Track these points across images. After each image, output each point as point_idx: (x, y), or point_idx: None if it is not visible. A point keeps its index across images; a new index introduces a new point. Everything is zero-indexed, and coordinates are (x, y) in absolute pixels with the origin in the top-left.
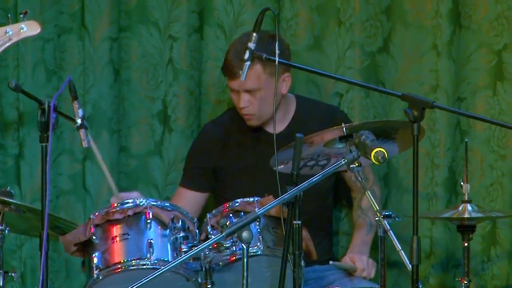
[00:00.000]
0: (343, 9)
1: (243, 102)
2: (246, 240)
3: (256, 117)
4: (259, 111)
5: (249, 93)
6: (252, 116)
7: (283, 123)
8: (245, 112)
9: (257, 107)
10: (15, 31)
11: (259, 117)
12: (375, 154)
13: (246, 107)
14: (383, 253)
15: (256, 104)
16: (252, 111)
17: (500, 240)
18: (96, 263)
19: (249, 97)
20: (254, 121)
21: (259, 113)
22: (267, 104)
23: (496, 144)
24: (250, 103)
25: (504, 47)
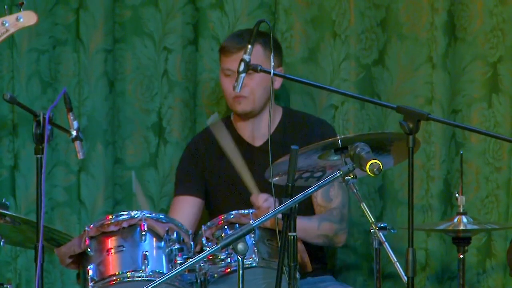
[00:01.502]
0: (339, 21)
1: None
2: (241, 252)
3: (248, 101)
4: (253, 95)
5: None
6: (245, 99)
7: (266, 134)
8: (239, 94)
9: (250, 88)
10: (12, 22)
11: (252, 102)
12: (370, 166)
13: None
14: (378, 265)
15: (250, 85)
16: (246, 93)
17: (496, 253)
18: (91, 275)
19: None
20: (245, 105)
21: (252, 98)
22: (261, 91)
23: (492, 157)
24: (246, 84)
25: (499, 59)
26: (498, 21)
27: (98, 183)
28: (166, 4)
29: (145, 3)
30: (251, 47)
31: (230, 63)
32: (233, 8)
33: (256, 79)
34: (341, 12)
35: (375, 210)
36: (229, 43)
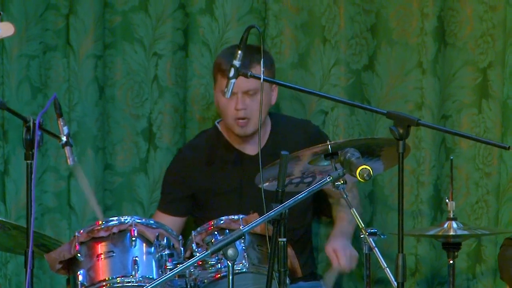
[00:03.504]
0: (328, 27)
1: (241, 104)
2: (231, 257)
3: (251, 123)
4: (255, 116)
5: (248, 96)
6: (248, 122)
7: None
8: (241, 115)
9: (254, 111)
10: None
11: (254, 124)
12: (360, 171)
13: (243, 110)
14: (368, 270)
15: (254, 107)
16: (249, 115)
17: (485, 258)
18: (81, 280)
19: (248, 99)
20: (248, 127)
21: (254, 119)
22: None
23: (481, 162)
24: (247, 106)
25: (489, 65)
26: (488, 26)
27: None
28: (156, 10)
29: (135, 9)
30: (241, 53)
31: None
32: (223, 14)
33: (255, 100)
34: (331, 17)
35: (365, 215)
36: (222, 61)
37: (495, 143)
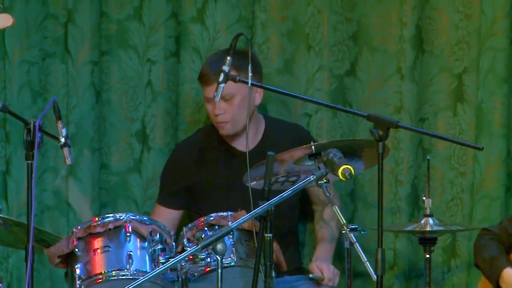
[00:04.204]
0: (312, 34)
1: (218, 109)
2: (220, 252)
3: (230, 124)
4: (233, 118)
5: (225, 100)
6: (226, 124)
7: (254, 141)
8: (220, 120)
9: (231, 114)
10: None
11: (233, 125)
12: (342, 171)
13: (221, 114)
14: (349, 264)
15: (230, 111)
16: (227, 118)
17: (460, 252)
18: (79, 274)
19: (224, 104)
20: (228, 129)
21: (233, 121)
22: (241, 111)
23: (456, 162)
24: (225, 110)
25: (464, 71)
26: (463, 34)
27: (85, 187)
28: (150, 18)
29: (129, 18)
30: (230, 59)
31: (210, 92)
32: (213, 22)
33: (235, 103)
34: (314, 25)
35: (347, 212)
36: (207, 73)
37: (469, 144)
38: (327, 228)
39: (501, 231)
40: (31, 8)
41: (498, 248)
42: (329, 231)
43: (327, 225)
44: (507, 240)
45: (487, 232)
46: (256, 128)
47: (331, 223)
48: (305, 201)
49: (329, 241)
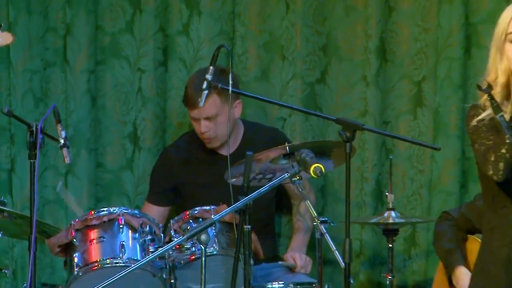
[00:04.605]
0: (287, 46)
1: (204, 127)
2: (204, 242)
3: (215, 139)
4: (217, 134)
5: (208, 120)
6: (212, 139)
7: (235, 145)
8: (206, 136)
9: (215, 131)
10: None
11: (218, 139)
12: (313, 169)
13: (207, 132)
14: (320, 253)
15: (214, 128)
16: (212, 134)
17: (419, 242)
18: (77, 261)
19: (208, 123)
20: (214, 143)
21: (217, 136)
22: (224, 127)
23: (416, 161)
24: (210, 128)
25: (423, 79)
26: (422, 46)
27: (82, 183)
28: (140, 32)
29: (122, 31)
30: (212, 68)
31: (195, 114)
32: (197, 35)
33: (218, 121)
34: (289, 38)
35: (318, 206)
36: (192, 97)
37: (427, 145)
38: (302, 220)
39: (460, 216)
40: (34, 22)
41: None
42: (304, 224)
43: (303, 218)
44: (464, 225)
45: (447, 216)
46: (236, 133)
47: (306, 216)
48: (281, 196)
49: (303, 232)
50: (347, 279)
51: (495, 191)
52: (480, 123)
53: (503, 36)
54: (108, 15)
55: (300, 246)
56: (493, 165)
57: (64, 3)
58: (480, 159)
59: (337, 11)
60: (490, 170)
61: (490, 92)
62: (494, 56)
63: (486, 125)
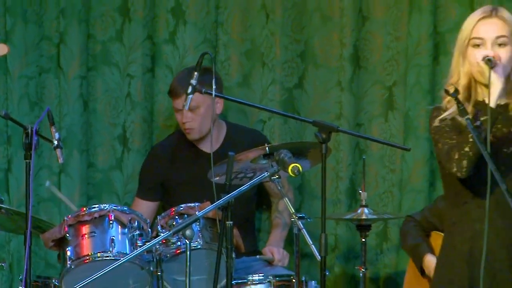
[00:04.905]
0: (266, 53)
1: (185, 118)
2: (189, 237)
3: (196, 131)
4: (198, 125)
5: (191, 111)
6: (192, 130)
7: (217, 143)
8: (187, 127)
9: (196, 122)
10: None
11: (199, 131)
12: (291, 168)
13: (188, 122)
14: (297, 247)
15: (196, 119)
16: (193, 125)
17: (390, 237)
18: (69, 255)
19: (191, 114)
20: (194, 134)
21: (198, 127)
22: (205, 120)
23: (388, 161)
24: (192, 119)
25: (394, 84)
26: (393, 53)
27: (75, 182)
28: (129, 40)
29: (112, 39)
30: (197, 74)
31: (178, 104)
32: (183, 43)
33: (199, 113)
34: (268, 46)
35: (295, 203)
36: (176, 87)
37: (398, 146)
38: (280, 217)
39: (422, 218)
40: (29, 31)
41: (419, 235)
42: (282, 220)
43: (281, 215)
44: (426, 226)
45: (411, 219)
46: (218, 132)
47: (284, 213)
48: (261, 194)
49: (281, 228)
50: (323, 272)
51: (457, 188)
52: (442, 123)
53: (466, 41)
54: (99, 24)
55: (278, 241)
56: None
57: (57, 13)
58: (444, 158)
59: (314, 21)
60: (454, 167)
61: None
62: (457, 59)
63: (448, 125)
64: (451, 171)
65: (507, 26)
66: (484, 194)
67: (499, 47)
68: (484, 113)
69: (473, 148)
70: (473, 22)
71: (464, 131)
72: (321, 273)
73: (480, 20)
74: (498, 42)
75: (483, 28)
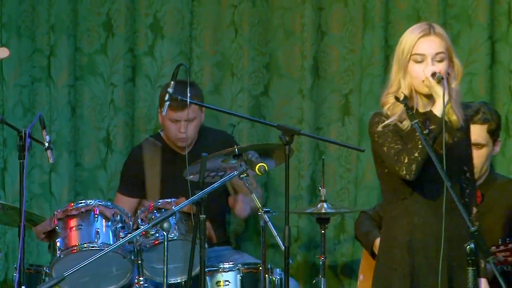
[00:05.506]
0: (236, 64)
1: (183, 128)
2: (166, 229)
3: (189, 140)
4: (192, 135)
5: (189, 122)
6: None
7: (191, 145)
8: (183, 136)
9: (190, 131)
10: None
11: (189, 139)
12: (258, 167)
13: (184, 133)
14: (264, 238)
15: (191, 129)
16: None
17: (347, 229)
18: (59, 246)
19: (187, 124)
20: (185, 142)
21: (192, 137)
22: (194, 129)
23: (344, 161)
24: (188, 129)
25: (349, 92)
26: (349, 64)
27: (64, 180)
28: (112, 53)
29: (97, 52)
30: (173, 83)
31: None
32: (161, 55)
33: (195, 124)
34: (237, 58)
35: (262, 199)
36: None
37: (353, 147)
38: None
39: (375, 214)
40: (23, 44)
41: (371, 225)
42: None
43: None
44: (378, 221)
45: (365, 214)
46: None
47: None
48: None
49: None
50: (287, 260)
51: (396, 186)
52: (385, 128)
53: (408, 56)
54: (86, 38)
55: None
56: (406, 167)
57: (48, 28)
58: (391, 160)
59: (278, 35)
60: (404, 170)
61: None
62: (397, 71)
63: (392, 131)
64: (400, 173)
65: (444, 42)
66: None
67: (438, 62)
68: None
69: (421, 153)
70: (414, 39)
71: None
72: (285, 261)
73: (420, 37)
74: (437, 58)
75: (424, 45)
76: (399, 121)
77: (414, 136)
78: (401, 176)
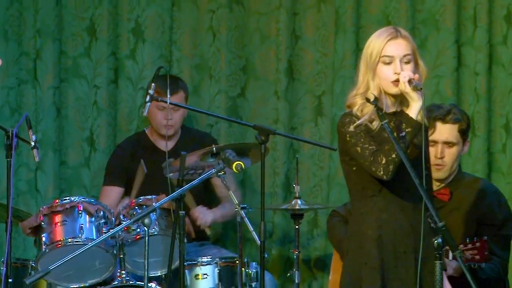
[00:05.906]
0: (214, 67)
1: (170, 115)
2: (147, 224)
3: (175, 127)
4: (178, 123)
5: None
6: (172, 127)
7: (172, 143)
8: (170, 123)
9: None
10: None
11: (174, 128)
12: (235, 165)
13: (170, 120)
14: (240, 233)
15: (176, 118)
16: (173, 122)
17: (320, 224)
18: (44, 240)
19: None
20: (171, 130)
21: (178, 125)
22: (179, 118)
23: (317, 159)
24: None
25: (322, 93)
26: (322, 67)
27: (49, 178)
28: (96, 56)
29: (81, 55)
30: (154, 85)
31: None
32: (142, 59)
33: (179, 113)
34: (215, 61)
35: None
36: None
37: (326, 146)
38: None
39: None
40: (10, 48)
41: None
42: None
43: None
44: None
45: (336, 213)
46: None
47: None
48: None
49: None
50: (262, 254)
51: (364, 183)
52: (357, 129)
53: (376, 58)
54: (70, 42)
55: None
56: (384, 167)
57: (34, 32)
58: (366, 160)
59: (254, 39)
60: (382, 171)
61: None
62: (365, 73)
63: (363, 131)
64: (377, 173)
65: (410, 45)
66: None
67: (405, 63)
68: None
69: (398, 155)
70: (383, 42)
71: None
72: (261, 255)
73: (389, 40)
74: (405, 60)
75: (392, 48)
76: (369, 121)
77: (388, 137)
78: (377, 176)
